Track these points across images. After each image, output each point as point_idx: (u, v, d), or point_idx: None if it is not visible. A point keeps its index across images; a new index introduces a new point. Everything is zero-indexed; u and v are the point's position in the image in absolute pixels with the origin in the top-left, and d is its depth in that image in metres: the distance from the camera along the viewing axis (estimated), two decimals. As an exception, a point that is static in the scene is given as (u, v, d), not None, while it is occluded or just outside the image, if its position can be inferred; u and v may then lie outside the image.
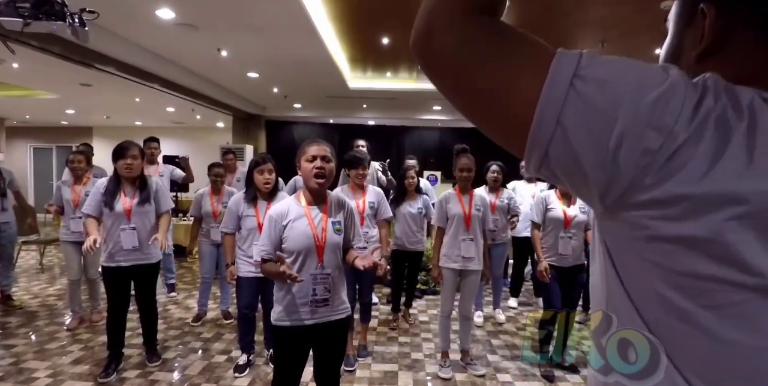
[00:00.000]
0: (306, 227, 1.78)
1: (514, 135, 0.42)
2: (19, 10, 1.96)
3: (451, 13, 0.44)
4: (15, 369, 2.85)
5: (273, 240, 1.77)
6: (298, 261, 1.76)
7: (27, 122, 9.54)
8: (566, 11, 3.63)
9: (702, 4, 0.49)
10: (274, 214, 1.80)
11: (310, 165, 1.77)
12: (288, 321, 1.78)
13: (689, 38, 0.51)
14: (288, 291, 1.78)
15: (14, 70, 4.64)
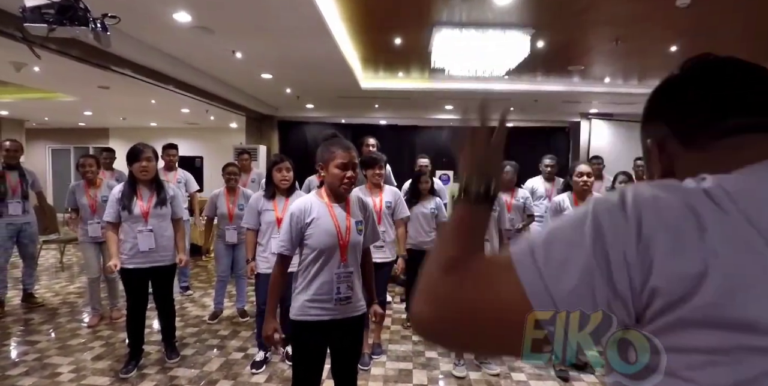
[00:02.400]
0: (330, 225, 1.78)
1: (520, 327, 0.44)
2: (44, 16, 2.02)
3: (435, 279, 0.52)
4: (39, 365, 2.93)
5: (293, 236, 1.77)
6: (320, 259, 1.77)
7: (46, 123, 9.74)
8: (579, 10, 3.60)
9: (648, 141, 0.62)
10: (296, 210, 1.78)
11: (341, 173, 1.76)
12: (308, 316, 1.77)
13: (653, 166, 0.62)
14: (308, 287, 1.78)
15: (35, 73, 4.75)
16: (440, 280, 0.50)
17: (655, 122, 0.61)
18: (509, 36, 4.00)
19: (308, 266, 1.79)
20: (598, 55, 4.91)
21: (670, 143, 0.58)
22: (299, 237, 1.78)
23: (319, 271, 1.77)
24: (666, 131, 0.58)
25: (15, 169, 3.93)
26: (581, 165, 2.91)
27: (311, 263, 1.78)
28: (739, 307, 0.37)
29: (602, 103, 7.12)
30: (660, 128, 0.60)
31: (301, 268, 1.81)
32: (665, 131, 0.59)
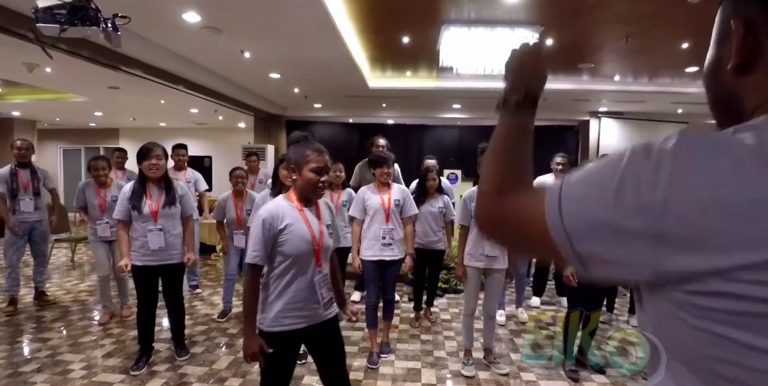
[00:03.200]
0: (305, 230, 1.71)
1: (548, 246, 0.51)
2: (56, 16, 2.04)
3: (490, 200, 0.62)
4: (51, 361, 2.97)
5: (267, 244, 1.67)
6: (295, 266, 1.70)
7: (57, 124, 9.86)
8: (588, 7, 3.57)
9: (732, 19, 0.50)
10: (267, 216, 1.67)
11: (316, 178, 1.70)
12: (283, 326, 1.70)
13: (725, 53, 0.52)
14: (281, 296, 1.70)
15: (47, 74, 4.81)
16: (491, 200, 0.61)
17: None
18: (518, 34, 3.97)
19: (281, 274, 1.70)
20: (608, 53, 4.87)
21: (764, 29, 0.48)
22: (271, 245, 1.68)
23: (294, 278, 1.70)
24: (760, 13, 0.48)
25: (26, 167, 3.98)
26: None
27: (285, 270, 1.70)
28: None
29: (612, 101, 7.05)
30: (750, 6, 0.49)
31: (271, 277, 1.72)
32: (758, 13, 0.48)
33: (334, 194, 3.75)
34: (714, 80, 0.55)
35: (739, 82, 0.51)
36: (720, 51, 0.53)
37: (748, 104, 0.51)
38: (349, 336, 3.47)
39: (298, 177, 1.73)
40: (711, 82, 0.56)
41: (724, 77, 0.52)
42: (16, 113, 8.21)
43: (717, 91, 0.56)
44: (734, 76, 0.51)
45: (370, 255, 3.02)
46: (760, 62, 0.48)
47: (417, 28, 4.11)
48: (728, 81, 0.52)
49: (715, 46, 0.55)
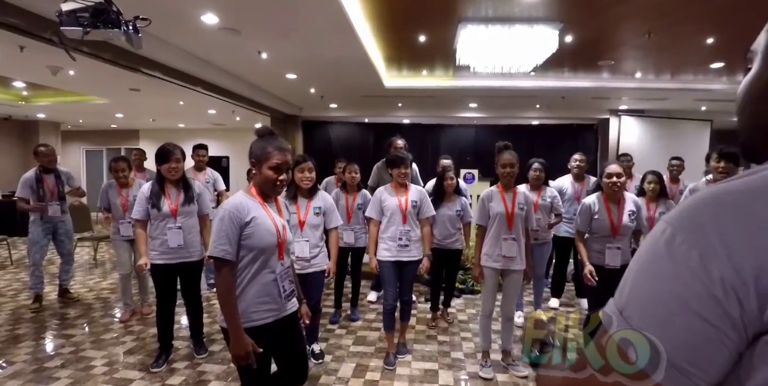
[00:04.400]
0: (270, 223, 1.71)
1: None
2: (79, 19, 2.08)
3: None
4: (75, 358, 3.03)
5: (233, 238, 1.63)
6: (259, 259, 1.69)
7: (80, 126, 10.12)
8: (609, 3, 3.50)
9: None
10: (233, 209, 1.64)
11: (274, 176, 1.69)
12: (252, 321, 1.68)
13: None
14: (246, 291, 1.68)
15: (70, 77, 4.93)
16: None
17: None
18: (536, 31, 3.91)
19: (245, 268, 1.67)
20: (629, 49, 4.76)
21: None
22: (238, 238, 1.64)
23: (258, 272, 1.69)
24: None
25: (51, 172, 4.07)
26: (611, 166, 2.81)
27: (249, 264, 1.67)
28: None
29: (633, 99, 6.90)
30: None
31: (236, 271, 1.67)
32: None
33: (349, 196, 3.75)
34: (763, 105, 0.47)
35: None
36: None
37: None
38: (366, 336, 3.46)
39: (257, 173, 1.72)
40: (757, 105, 0.48)
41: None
42: (41, 116, 8.45)
43: (763, 118, 0.47)
44: None
45: (388, 256, 3.01)
46: None
47: (434, 27, 4.08)
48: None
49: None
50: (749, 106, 0.49)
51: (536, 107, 7.54)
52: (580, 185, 4.13)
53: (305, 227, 2.79)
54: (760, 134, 0.48)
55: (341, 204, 3.71)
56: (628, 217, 2.80)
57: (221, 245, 1.61)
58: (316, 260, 2.84)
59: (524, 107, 7.49)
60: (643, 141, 7.55)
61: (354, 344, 3.30)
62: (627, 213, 2.81)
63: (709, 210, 0.38)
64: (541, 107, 7.55)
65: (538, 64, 4.52)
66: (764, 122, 0.47)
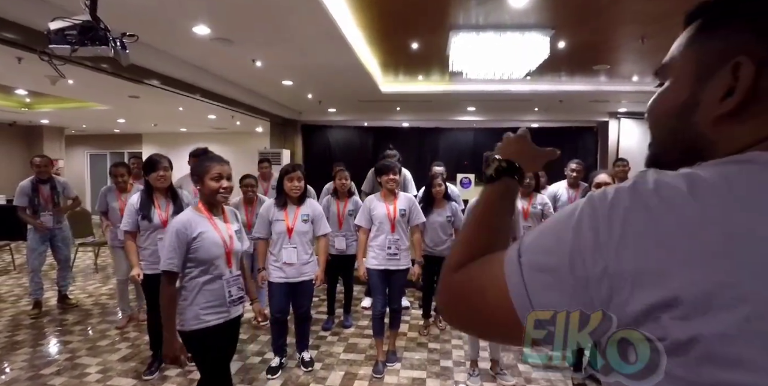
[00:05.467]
0: (216, 236, 1.90)
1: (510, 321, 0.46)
2: (67, 37, 2.13)
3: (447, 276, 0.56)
4: (70, 365, 3.09)
5: (181, 253, 1.82)
6: (209, 269, 1.88)
7: (83, 130, 10.24)
8: (600, 9, 3.50)
9: (739, 56, 0.43)
10: (180, 227, 1.83)
11: (217, 184, 1.89)
12: (205, 323, 1.86)
13: (710, 92, 0.45)
14: (198, 297, 1.86)
15: (69, 86, 5.00)
16: (448, 277, 0.55)
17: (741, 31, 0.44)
18: (528, 38, 3.92)
19: (196, 277, 1.87)
20: (624, 53, 4.75)
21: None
22: (185, 252, 1.84)
23: (209, 280, 1.88)
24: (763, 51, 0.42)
25: (47, 182, 4.14)
26: (600, 175, 2.82)
27: (200, 274, 1.87)
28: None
29: (632, 101, 6.87)
30: (751, 42, 0.43)
31: (188, 281, 1.87)
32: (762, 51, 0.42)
33: (340, 203, 3.78)
34: (682, 121, 0.48)
35: (720, 129, 0.45)
36: (699, 89, 0.46)
37: (718, 152, 0.45)
38: (357, 343, 3.49)
39: (202, 187, 1.91)
40: (676, 122, 0.49)
41: (700, 120, 0.46)
42: (44, 121, 8.56)
43: (682, 134, 0.49)
44: (716, 121, 0.45)
45: (376, 265, 3.04)
46: (752, 109, 0.43)
47: (425, 34, 4.10)
48: (703, 125, 0.46)
49: (692, 82, 0.47)
50: (665, 120, 0.51)
51: (535, 110, 7.53)
52: (575, 192, 4.13)
53: (293, 234, 2.83)
54: (677, 147, 0.50)
55: (332, 210, 3.74)
56: None
57: (170, 259, 1.82)
58: (306, 268, 2.88)
59: (522, 110, 7.48)
60: (644, 143, 7.27)
61: (345, 351, 3.33)
62: None
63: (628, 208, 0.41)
64: (539, 110, 7.54)
65: (532, 69, 4.52)
66: (683, 137, 0.49)
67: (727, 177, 0.39)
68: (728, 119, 0.44)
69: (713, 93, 0.45)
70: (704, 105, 0.46)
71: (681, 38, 0.51)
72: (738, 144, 0.44)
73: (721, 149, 0.45)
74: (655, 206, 0.39)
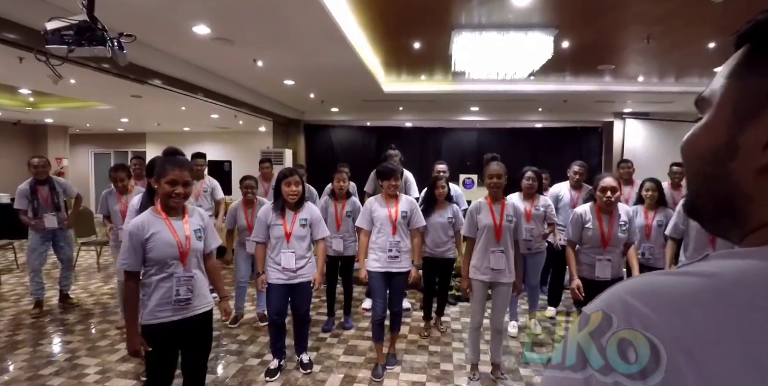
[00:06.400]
0: (170, 237, 1.96)
1: None
2: (64, 37, 2.11)
3: None
4: (69, 365, 3.08)
5: (135, 253, 1.91)
6: (163, 268, 1.96)
7: (87, 129, 10.28)
8: (604, 9, 3.45)
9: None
10: (134, 229, 1.92)
11: (170, 189, 1.95)
12: (158, 319, 1.95)
13: (753, 136, 0.38)
14: (154, 293, 1.95)
15: (71, 85, 5.02)
16: None
17: None
18: (531, 37, 3.87)
19: (152, 275, 1.96)
20: (630, 53, 4.69)
21: None
22: (141, 252, 1.92)
23: (163, 278, 1.96)
24: None
25: (45, 183, 4.13)
26: (606, 178, 2.76)
27: (156, 272, 1.96)
28: None
29: (637, 102, 6.80)
30: None
31: (146, 278, 1.97)
32: None
33: (338, 204, 3.75)
34: (718, 168, 0.41)
35: (761, 182, 0.38)
36: (739, 131, 0.39)
37: (757, 215, 0.39)
38: (357, 345, 3.46)
39: (158, 187, 1.98)
40: (711, 169, 0.42)
41: (738, 169, 0.39)
42: (48, 120, 8.61)
43: (716, 184, 0.41)
44: (758, 173, 0.38)
45: (377, 267, 3.01)
46: None
47: (427, 34, 4.06)
48: (742, 175, 0.39)
49: (732, 121, 0.39)
50: (701, 165, 0.44)
51: (539, 110, 7.48)
52: (578, 193, 4.09)
53: (291, 238, 2.81)
54: (712, 199, 0.43)
55: (330, 212, 3.72)
56: (620, 228, 2.76)
57: (124, 259, 1.92)
58: (303, 270, 2.86)
59: (526, 110, 7.43)
60: (649, 144, 7.44)
61: (344, 354, 3.30)
62: (619, 224, 2.77)
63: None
64: (543, 110, 7.48)
65: (535, 69, 4.47)
66: (717, 187, 0.42)
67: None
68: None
69: (756, 138, 0.38)
70: (744, 152, 0.39)
71: (726, 65, 0.43)
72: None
73: (763, 209, 0.39)
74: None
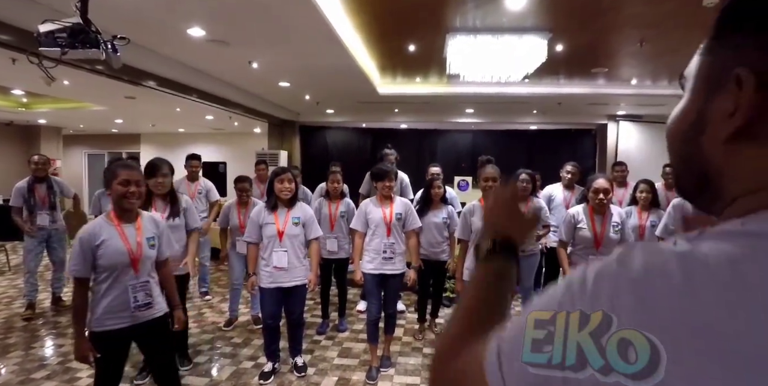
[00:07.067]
0: (120, 244, 1.95)
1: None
2: (57, 40, 2.11)
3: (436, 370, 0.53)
4: (61, 369, 3.06)
5: (85, 259, 1.91)
6: (113, 275, 1.95)
7: (81, 130, 10.22)
8: (598, 12, 3.48)
9: (737, 68, 0.38)
10: (84, 235, 1.92)
11: (124, 189, 1.95)
12: (105, 326, 1.94)
13: (718, 107, 0.40)
14: (102, 300, 1.94)
15: (65, 87, 4.98)
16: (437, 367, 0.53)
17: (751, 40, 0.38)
18: (525, 41, 3.90)
19: (102, 281, 1.95)
20: (623, 57, 4.73)
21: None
22: (92, 259, 1.91)
23: (112, 285, 1.95)
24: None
25: (43, 181, 4.12)
26: (599, 180, 2.79)
27: (105, 279, 1.95)
28: None
29: (631, 104, 6.85)
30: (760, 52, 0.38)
31: (96, 284, 1.96)
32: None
33: (332, 204, 3.75)
34: (691, 143, 0.43)
35: (730, 153, 0.40)
36: (706, 105, 0.41)
37: (728, 187, 0.40)
38: (351, 347, 3.46)
39: (111, 193, 1.98)
40: (684, 145, 0.44)
41: (708, 143, 0.41)
42: (42, 121, 8.54)
43: (691, 160, 0.44)
44: (724, 143, 0.40)
45: (372, 269, 3.01)
46: (762, 130, 0.37)
47: (422, 37, 4.08)
48: (712, 149, 0.41)
49: (700, 96, 0.42)
50: (678, 144, 0.45)
51: (533, 112, 7.51)
52: (570, 193, 4.13)
53: (284, 237, 2.81)
54: (691, 176, 0.45)
55: (324, 212, 3.72)
56: (612, 229, 2.79)
57: (74, 265, 1.91)
58: (297, 273, 2.86)
59: (521, 112, 7.46)
60: (642, 146, 7.50)
61: (339, 356, 3.30)
62: (611, 225, 2.79)
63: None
64: (537, 112, 7.52)
65: (529, 72, 4.50)
66: (693, 165, 0.44)
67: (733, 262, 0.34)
68: (736, 142, 0.39)
69: (721, 109, 0.39)
70: (712, 125, 0.40)
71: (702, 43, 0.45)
72: (750, 177, 0.39)
73: (735, 181, 0.40)
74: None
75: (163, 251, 2.15)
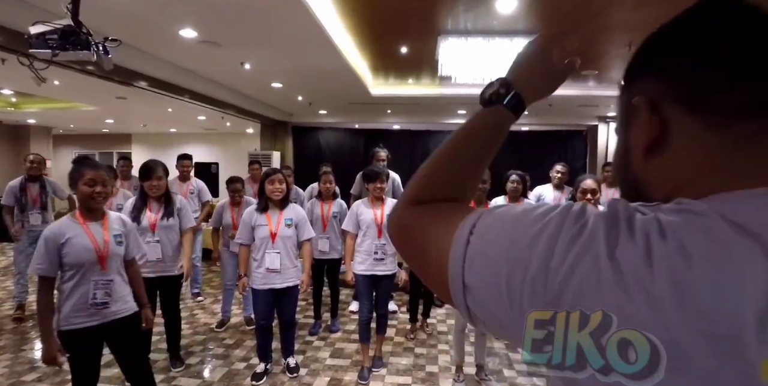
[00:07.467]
0: (87, 241, 1.96)
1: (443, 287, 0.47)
2: (48, 41, 2.10)
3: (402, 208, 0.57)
4: (52, 371, 3.04)
5: (51, 258, 1.90)
6: (80, 272, 1.94)
7: (71, 130, 10.13)
8: (588, 16, 3.52)
9: (635, 98, 0.45)
10: (49, 234, 1.92)
11: (90, 189, 1.95)
12: (73, 324, 1.93)
13: (633, 134, 0.48)
14: (69, 298, 1.93)
15: (55, 87, 4.95)
16: (401, 210, 0.55)
17: (646, 78, 0.47)
18: (516, 43, 3.94)
19: (69, 279, 1.94)
20: (612, 59, 4.79)
21: (669, 106, 0.44)
22: (57, 257, 1.91)
23: (79, 283, 1.94)
24: (664, 90, 0.44)
25: (36, 181, 4.10)
26: (587, 180, 2.83)
27: (72, 276, 1.94)
28: None
29: (620, 106, 6.93)
30: (652, 85, 0.46)
31: (62, 282, 1.95)
32: (661, 90, 0.45)
33: (324, 205, 3.77)
34: (624, 168, 0.51)
35: (648, 167, 0.47)
36: (626, 135, 0.49)
37: (654, 194, 0.47)
38: (343, 348, 3.48)
39: (77, 192, 1.98)
40: (621, 171, 0.52)
41: (633, 163, 0.49)
42: (31, 121, 8.46)
43: (626, 179, 0.51)
44: (643, 160, 0.47)
45: (363, 270, 3.03)
46: (668, 143, 0.44)
47: (414, 39, 4.10)
48: (637, 166, 0.48)
49: (623, 131, 0.50)
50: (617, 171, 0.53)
51: (525, 113, 7.55)
52: (560, 194, 4.18)
53: (277, 238, 2.82)
54: (629, 190, 0.52)
55: (316, 213, 3.73)
56: None
57: (39, 264, 1.89)
58: (290, 274, 2.87)
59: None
60: None
61: (331, 356, 3.32)
62: None
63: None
64: (529, 113, 7.58)
65: (521, 75, 4.54)
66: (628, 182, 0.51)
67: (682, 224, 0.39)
68: (650, 158, 0.46)
69: (635, 135, 0.47)
70: (633, 149, 0.48)
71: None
72: (664, 182, 0.46)
73: (656, 188, 0.47)
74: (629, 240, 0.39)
75: (131, 250, 2.17)
